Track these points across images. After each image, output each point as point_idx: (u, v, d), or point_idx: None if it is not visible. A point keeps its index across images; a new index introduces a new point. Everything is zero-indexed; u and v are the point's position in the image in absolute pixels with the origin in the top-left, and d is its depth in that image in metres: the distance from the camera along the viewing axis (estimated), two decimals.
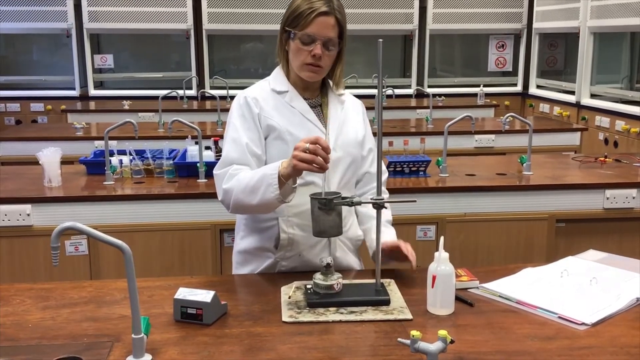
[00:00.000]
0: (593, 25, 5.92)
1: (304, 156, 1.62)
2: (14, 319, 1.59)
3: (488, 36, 7.49)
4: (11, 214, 2.86)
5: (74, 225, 1.31)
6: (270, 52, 7.32)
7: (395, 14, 7.07)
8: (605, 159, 3.65)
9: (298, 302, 1.67)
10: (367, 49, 7.05)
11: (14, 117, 6.81)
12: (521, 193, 3.18)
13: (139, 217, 2.98)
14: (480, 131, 4.80)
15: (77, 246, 2.93)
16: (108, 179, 3.14)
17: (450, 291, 1.61)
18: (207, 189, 3.05)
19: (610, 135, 5.56)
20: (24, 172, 3.39)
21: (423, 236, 3.13)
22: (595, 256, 2.03)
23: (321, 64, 1.85)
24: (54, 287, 1.80)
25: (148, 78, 7.23)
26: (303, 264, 1.92)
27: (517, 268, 1.92)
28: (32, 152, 3.21)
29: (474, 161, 3.82)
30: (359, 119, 2.02)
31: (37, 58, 7.40)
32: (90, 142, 4.46)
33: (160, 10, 6.77)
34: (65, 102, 6.62)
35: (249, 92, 1.93)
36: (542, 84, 7.19)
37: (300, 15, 1.82)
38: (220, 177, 1.84)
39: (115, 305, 1.67)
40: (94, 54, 7.02)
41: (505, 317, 1.61)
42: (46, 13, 6.67)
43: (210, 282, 1.88)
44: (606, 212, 3.18)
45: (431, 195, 3.13)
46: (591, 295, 1.70)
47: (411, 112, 6.12)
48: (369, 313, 1.61)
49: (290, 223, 1.89)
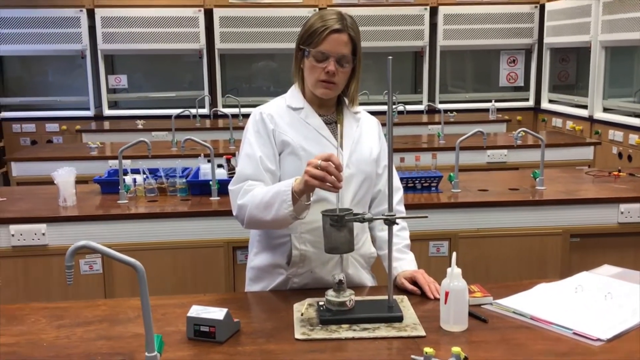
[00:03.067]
0: (604, 40, 5.91)
1: (316, 172, 1.63)
2: (29, 338, 1.60)
3: (499, 51, 7.49)
4: (26, 234, 2.89)
5: (88, 244, 1.33)
6: (281, 70, 7.40)
7: (406, 31, 7.10)
8: (619, 173, 3.62)
9: (310, 319, 1.67)
10: (378, 66, 7.08)
11: (30, 138, 6.89)
12: (535, 208, 3.16)
13: (153, 235, 2.99)
14: (492, 146, 4.79)
15: (91, 265, 2.95)
16: (122, 198, 3.17)
17: (464, 307, 1.61)
18: (219, 206, 3.07)
19: (624, 149, 5.52)
20: (39, 192, 3.42)
21: (436, 252, 3.12)
22: (610, 271, 2.01)
23: (335, 80, 1.87)
24: (68, 306, 1.82)
25: (161, 98, 7.30)
26: (315, 281, 1.92)
27: (531, 284, 1.91)
28: (47, 172, 3.24)
29: (486, 176, 3.81)
30: (374, 137, 2.03)
31: (52, 79, 7.50)
32: (105, 162, 4.51)
33: (173, 30, 6.85)
34: (80, 122, 6.70)
35: (265, 109, 1.95)
36: (554, 99, 7.17)
37: (314, 33, 1.85)
38: (235, 193, 1.86)
39: (128, 323, 1.68)
40: (108, 75, 7.10)
41: (519, 333, 1.60)
42: (61, 35, 6.77)
43: (222, 300, 1.88)
44: (621, 227, 3.16)
45: (444, 210, 3.12)
46: (606, 310, 1.69)
47: (423, 128, 6.12)
48: (382, 330, 1.60)
49: (302, 240, 1.89)
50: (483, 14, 7.13)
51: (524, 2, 7.18)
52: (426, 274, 1.90)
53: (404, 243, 2.01)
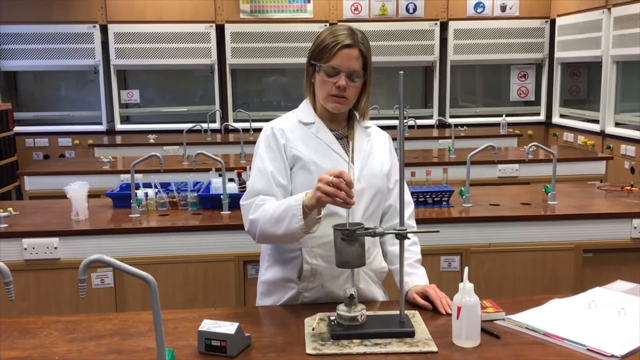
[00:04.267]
0: (616, 54, 5.90)
1: (327, 189, 1.64)
2: (41, 352, 1.61)
3: (509, 66, 7.49)
4: (39, 247, 2.91)
5: (101, 258, 1.33)
6: (292, 84, 7.44)
7: (416, 46, 7.13)
8: (631, 188, 3.60)
9: (322, 333, 1.66)
10: (388, 80, 7.11)
11: (43, 152, 6.95)
12: (547, 223, 3.14)
13: (164, 249, 3.00)
14: (503, 161, 4.78)
15: (103, 279, 2.96)
16: (134, 212, 3.18)
17: (476, 323, 1.60)
18: (230, 220, 3.08)
19: (637, 164, 5.48)
20: (52, 205, 3.45)
21: (447, 267, 3.11)
22: (623, 287, 1.99)
23: (346, 95, 1.88)
24: (80, 320, 1.82)
25: (173, 112, 7.35)
26: (326, 295, 1.92)
27: (543, 299, 1.89)
28: (60, 186, 3.27)
29: (497, 191, 3.80)
30: (385, 152, 2.03)
31: (65, 94, 7.58)
32: (117, 176, 4.54)
33: (185, 46, 6.91)
34: (92, 137, 6.75)
35: (276, 124, 1.96)
36: (565, 113, 7.15)
37: (325, 48, 1.87)
38: (247, 208, 1.87)
39: (140, 337, 1.68)
40: (120, 90, 7.17)
41: (532, 349, 1.59)
42: (74, 50, 6.85)
43: (233, 314, 1.88)
44: (634, 242, 3.13)
45: (455, 225, 3.11)
46: (620, 326, 1.67)
47: (433, 143, 6.12)
48: (394, 345, 1.59)
49: (313, 254, 1.89)
50: (493, 29, 7.16)
51: (535, 17, 7.20)
52: (438, 289, 1.89)
53: (415, 258, 2.00)
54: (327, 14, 6.96)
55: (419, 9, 7.08)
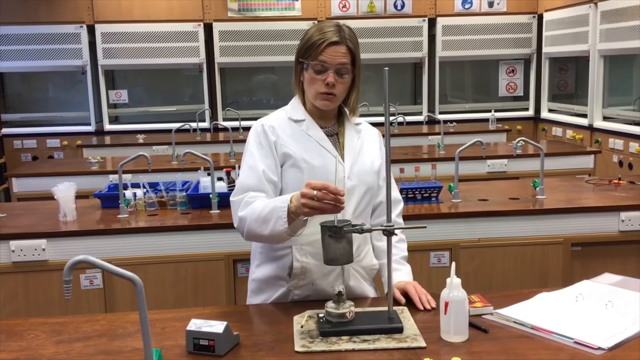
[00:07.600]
0: (603, 49, 5.93)
1: (312, 204, 1.63)
2: (28, 354, 1.60)
3: (498, 62, 7.51)
4: (27, 249, 2.89)
5: (86, 259, 1.33)
6: (281, 83, 7.43)
7: (405, 43, 7.13)
8: (619, 182, 3.62)
9: (310, 331, 1.66)
10: (377, 77, 7.10)
11: (31, 154, 6.90)
12: (535, 217, 3.15)
13: (153, 249, 2.99)
14: (492, 156, 4.79)
15: (91, 280, 2.94)
16: (122, 212, 3.17)
17: (464, 317, 1.60)
18: (220, 219, 3.07)
19: (625, 157, 5.52)
20: (39, 207, 3.42)
21: (437, 262, 3.12)
22: (610, 279, 2.00)
23: (335, 91, 1.88)
24: (68, 321, 1.81)
25: (162, 112, 7.32)
26: (316, 293, 1.92)
27: (531, 293, 1.90)
28: (48, 187, 3.25)
29: (486, 186, 3.81)
30: (375, 148, 2.03)
31: (53, 95, 7.53)
32: (105, 177, 4.51)
33: (173, 45, 6.88)
34: (81, 138, 6.71)
35: (266, 121, 1.96)
36: (553, 108, 7.18)
37: (312, 45, 1.86)
38: (237, 204, 1.86)
39: (127, 338, 1.68)
40: (108, 90, 7.13)
41: (520, 343, 1.59)
42: (61, 51, 6.80)
43: (222, 313, 1.88)
44: (622, 235, 3.15)
45: (444, 221, 3.12)
46: (607, 319, 1.68)
47: (423, 139, 6.12)
48: (382, 341, 1.60)
49: (303, 252, 1.89)
50: (481, 25, 7.17)
51: (522, 13, 7.21)
52: (419, 286, 1.89)
53: (401, 255, 2.01)
54: (315, 11, 6.95)
55: (406, 6, 7.08)
